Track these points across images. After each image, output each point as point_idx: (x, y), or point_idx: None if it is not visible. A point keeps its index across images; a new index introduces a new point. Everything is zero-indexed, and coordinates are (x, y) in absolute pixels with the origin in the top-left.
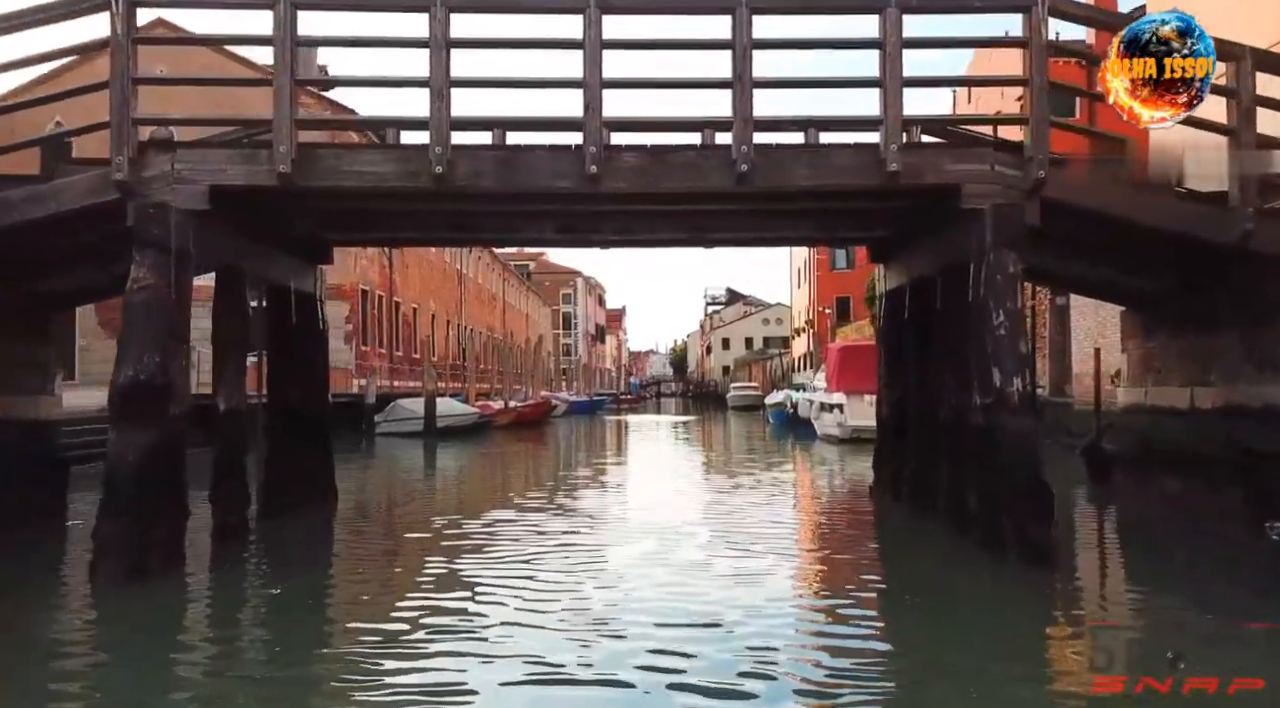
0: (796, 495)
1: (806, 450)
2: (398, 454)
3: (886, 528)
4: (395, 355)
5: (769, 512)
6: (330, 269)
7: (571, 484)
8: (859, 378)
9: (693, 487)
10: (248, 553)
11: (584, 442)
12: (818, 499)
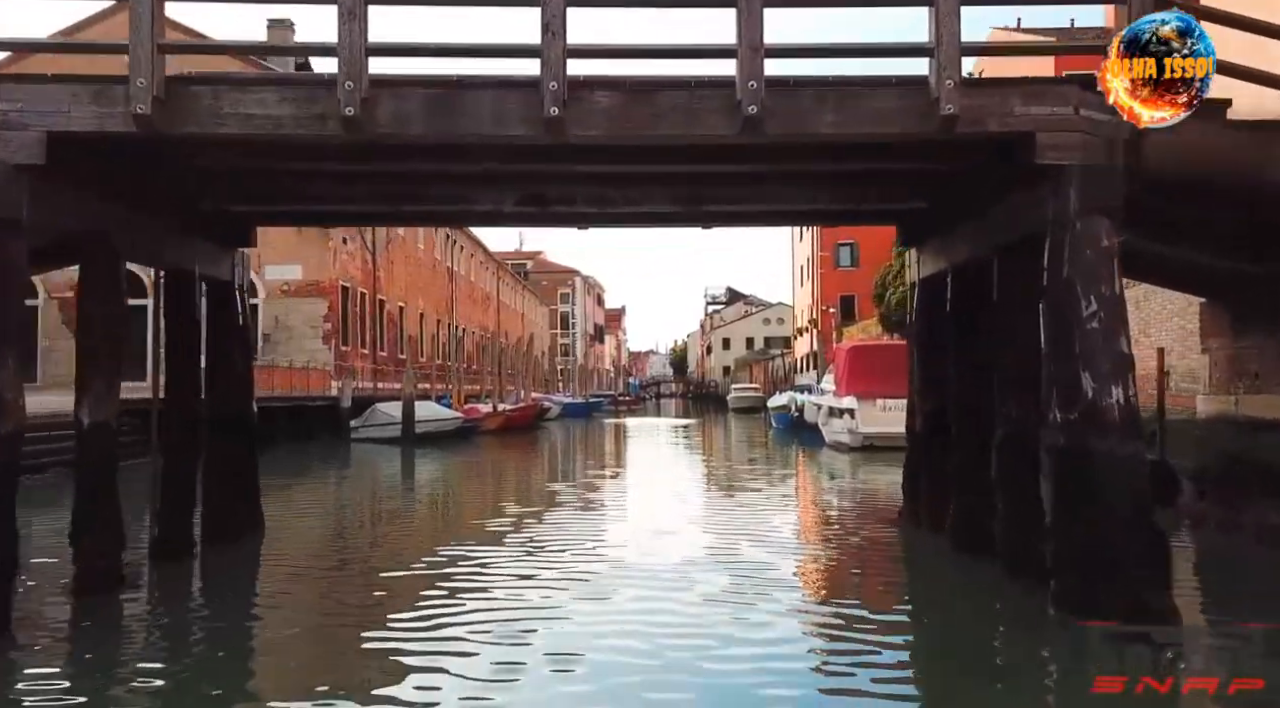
0: (809, 522)
1: (813, 459)
2: (371, 464)
3: (924, 571)
4: (379, 356)
5: (778, 547)
6: (307, 265)
7: (554, 504)
8: (871, 380)
9: (690, 509)
10: (97, 621)
11: (576, 449)
12: (835, 526)
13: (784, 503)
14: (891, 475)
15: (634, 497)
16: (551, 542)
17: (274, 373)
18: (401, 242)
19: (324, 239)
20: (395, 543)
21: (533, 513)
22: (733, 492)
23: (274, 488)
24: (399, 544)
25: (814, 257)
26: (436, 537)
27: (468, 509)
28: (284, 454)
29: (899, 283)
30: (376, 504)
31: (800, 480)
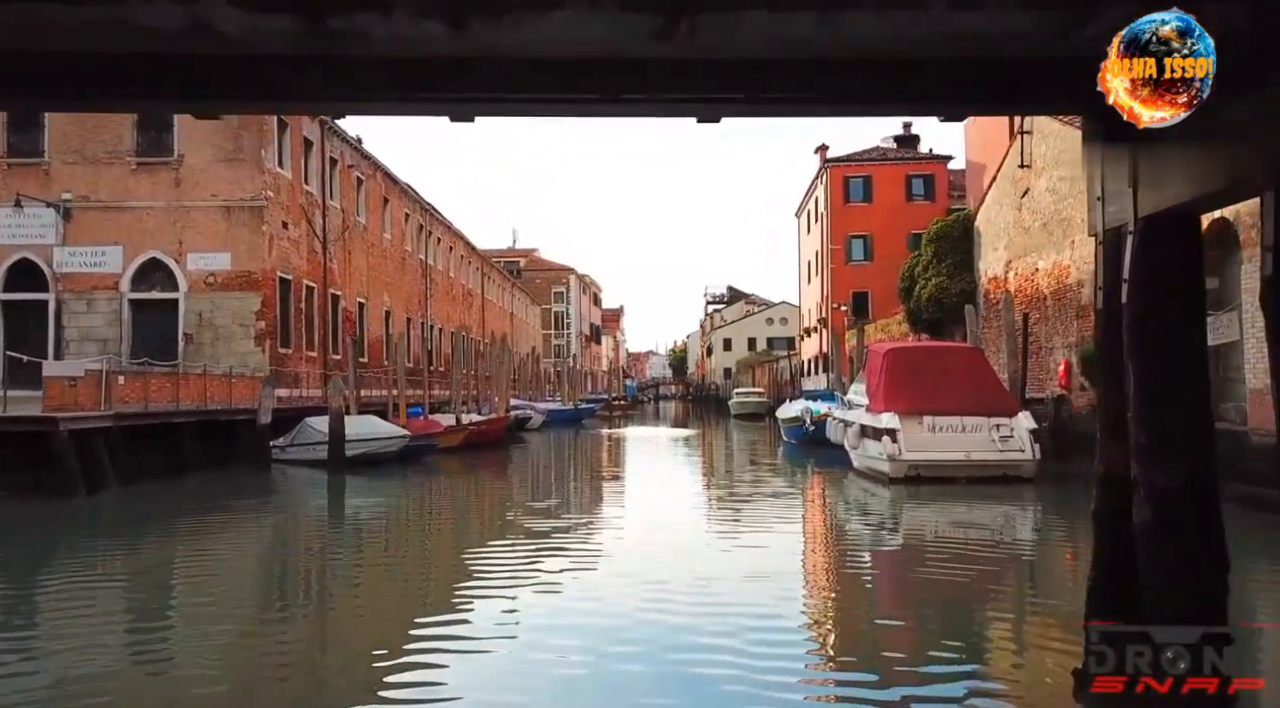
0: (882, 638)
1: (839, 489)
2: (280, 497)
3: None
4: (331, 359)
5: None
6: (237, 252)
7: (486, 590)
8: (917, 393)
9: (682, 595)
10: None
11: (550, 473)
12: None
13: (831, 580)
14: (959, 521)
15: (611, 569)
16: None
17: (186, 380)
18: (362, 231)
19: (256, 222)
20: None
21: (452, 602)
22: (746, 542)
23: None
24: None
25: (823, 250)
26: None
27: (362, 598)
28: (194, 482)
29: (931, 274)
30: (230, 577)
31: (829, 529)
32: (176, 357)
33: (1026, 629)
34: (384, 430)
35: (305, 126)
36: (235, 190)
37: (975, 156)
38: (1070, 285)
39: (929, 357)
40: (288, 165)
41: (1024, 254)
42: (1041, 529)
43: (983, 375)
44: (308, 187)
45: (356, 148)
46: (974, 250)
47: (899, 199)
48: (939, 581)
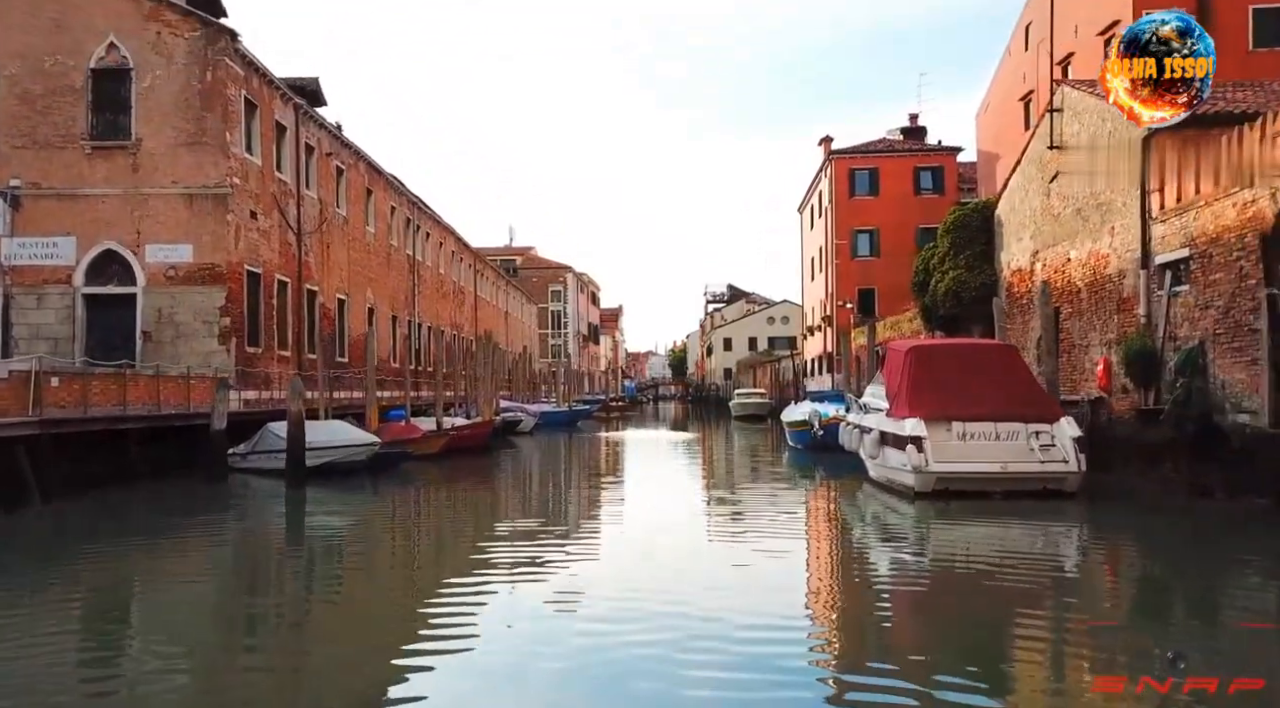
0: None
1: (853, 503)
2: (229, 515)
3: None
4: (306, 359)
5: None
6: (199, 244)
7: (451, 631)
8: (944, 396)
9: (684, 632)
10: None
11: (535, 483)
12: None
13: (843, 625)
14: (995, 543)
15: (586, 611)
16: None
17: (135, 382)
18: (343, 223)
19: (221, 211)
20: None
21: (411, 647)
22: (742, 572)
23: None
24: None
25: (828, 245)
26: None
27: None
28: (140, 496)
29: (949, 267)
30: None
31: (846, 552)
32: (135, 356)
33: (1075, 678)
34: (351, 437)
35: (278, 110)
36: (198, 176)
37: (988, 146)
38: (1109, 276)
39: (957, 355)
40: (257, 151)
41: (1053, 243)
42: (1089, 553)
43: (1018, 376)
44: (280, 174)
45: (335, 135)
46: (995, 241)
47: (907, 192)
48: (972, 615)
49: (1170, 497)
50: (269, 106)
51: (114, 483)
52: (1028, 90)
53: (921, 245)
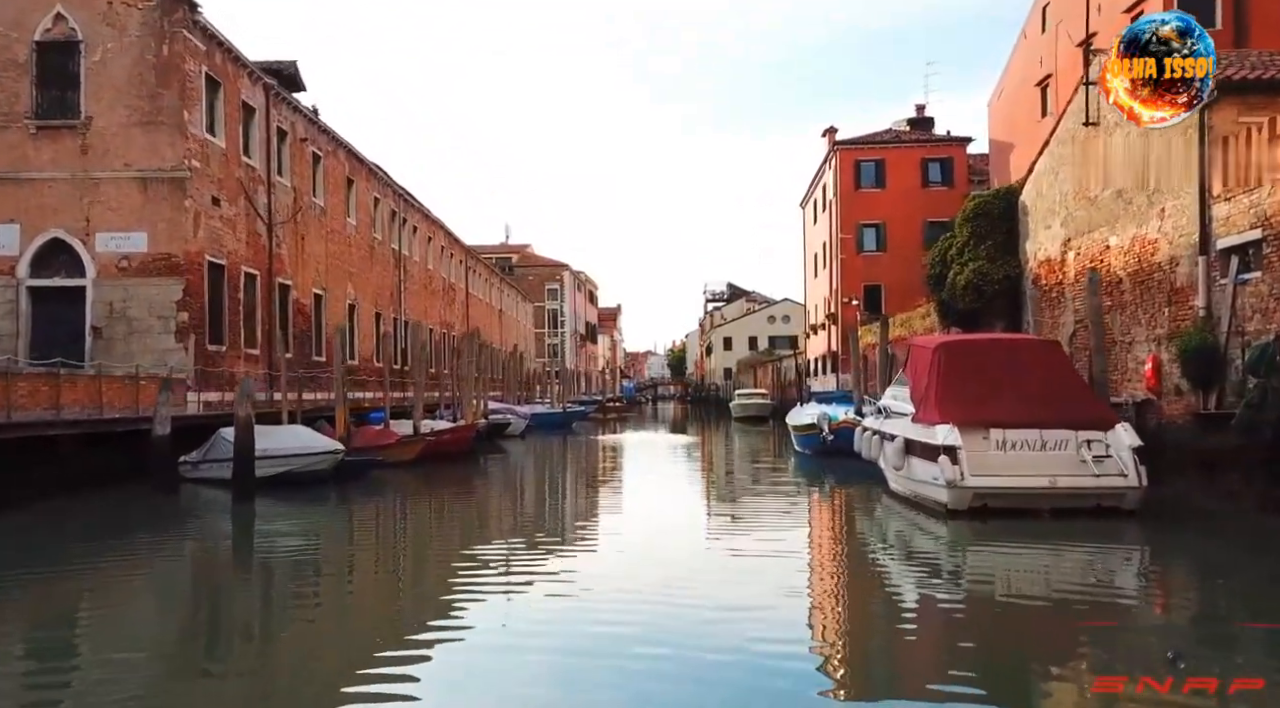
0: None
1: (875, 522)
2: (164, 533)
3: None
4: (278, 358)
5: None
6: (155, 232)
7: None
8: (981, 399)
9: (687, 679)
10: None
11: (520, 494)
12: None
13: (867, 670)
14: (1045, 572)
15: (571, 664)
16: None
17: (72, 384)
18: (320, 214)
19: (178, 196)
20: None
21: None
22: (751, 604)
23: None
24: None
25: (832, 240)
26: None
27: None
28: (76, 510)
29: (968, 258)
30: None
31: (869, 581)
32: (84, 354)
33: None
34: (312, 444)
35: (245, 89)
36: (153, 158)
37: (1001, 135)
38: (1158, 264)
39: (993, 352)
40: (220, 132)
41: (1089, 230)
42: (1159, 586)
43: (1065, 376)
44: (248, 159)
45: (312, 119)
46: (1019, 229)
47: (914, 184)
48: (1019, 663)
49: (1242, 515)
50: (234, 85)
51: (56, 494)
52: (1045, 74)
53: (929, 240)
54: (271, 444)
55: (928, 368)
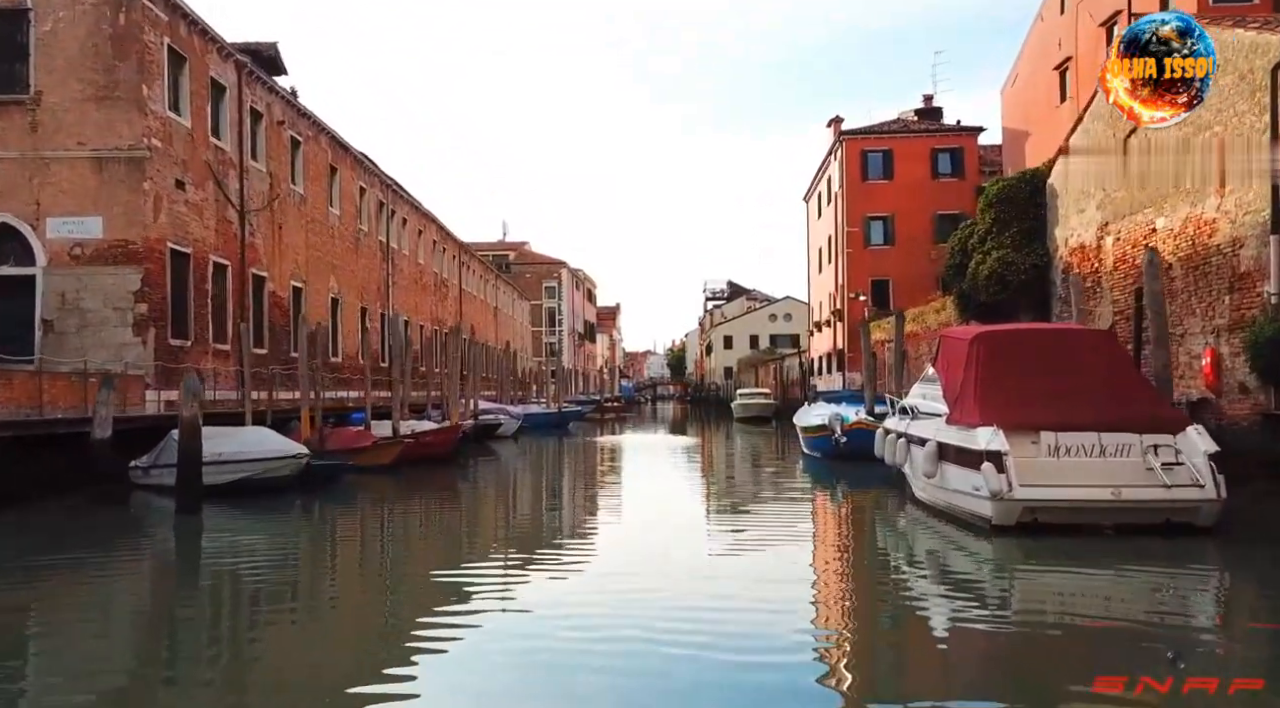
0: None
1: (901, 537)
2: (94, 552)
3: None
4: (252, 354)
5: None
6: (111, 216)
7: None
8: (1029, 397)
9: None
10: None
11: (501, 502)
12: None
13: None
14: (1110, 604)
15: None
16: None
17: (7, 381)
18: (300, 202)
19: (136, 178)
20: None
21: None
22: (766, 637)
23: None
24: None
25: (838, 234)
26: None
27: None
28: (9, 519)
29: (991, 246)
30: None
31: (902, 611)
32: (33, 349)
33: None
34: (274, 448)
35: (214, 66)
36: (109, 137)
37: (1015, 123)
38: (1217, 247)
39: (1041, 344)
40: (185, 110)
41: (1130, 212)
42: (1242, 615)
43: (1123, 371)
44: (217, 141)
45: (290, 101)
46: (1048, 215)
47: (923, 176)
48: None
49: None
50: (202, 61)
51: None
52: (1064, 58)
53: (939, 233)
54: (228, 448)
55: (964, 362)
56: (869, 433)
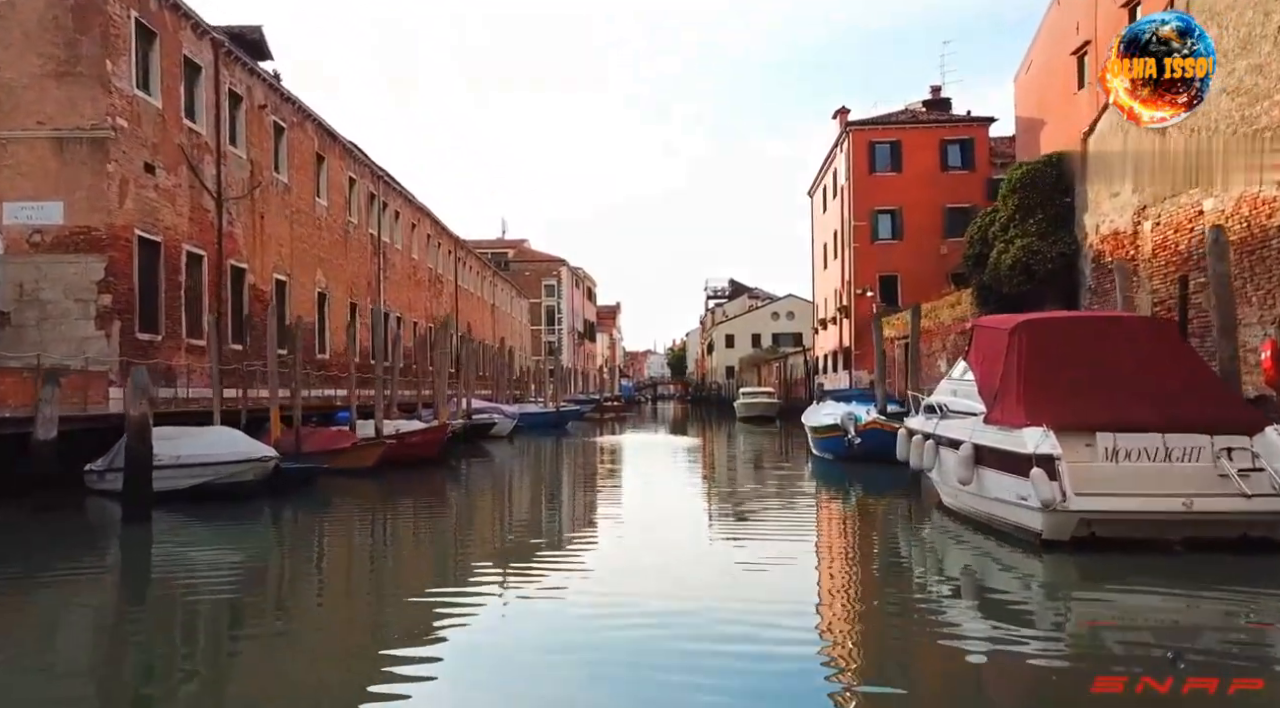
0: None
1: (930, 551)
2: (22, 564)
3: None
4: (228, 351)
5: None
6: (73, 202)
7: None
8: (1080, 394)
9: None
10: None
11: (486, 509)
12: None
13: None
14: (1186, 638)
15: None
16: None
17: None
18: (284, 191)
19: (100, 160)
20: None
21: None
22: (785, 672)
23: None
24: None
25: (844, 228)
26: None
27: None
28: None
29: (1015, 234)
30: None
31: (959, 647)
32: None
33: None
34: (239, 450)
35: (188, 44)
36: (70, 116)
37: (1030, 111)
38: (1278, 229)
39: (1091, 334)
40: (155, 89)
41: (1172, 194)
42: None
43: (1188, 364)
44: (191, 123)
45: (273, 85)
46: (1075, 200)
47: (932, 168)
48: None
49: None
50: (174, 37)
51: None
52: (1083, 42)
53: (949, 227)
54: (188, 450)
55: (1003, 354)
56: (884, 433)
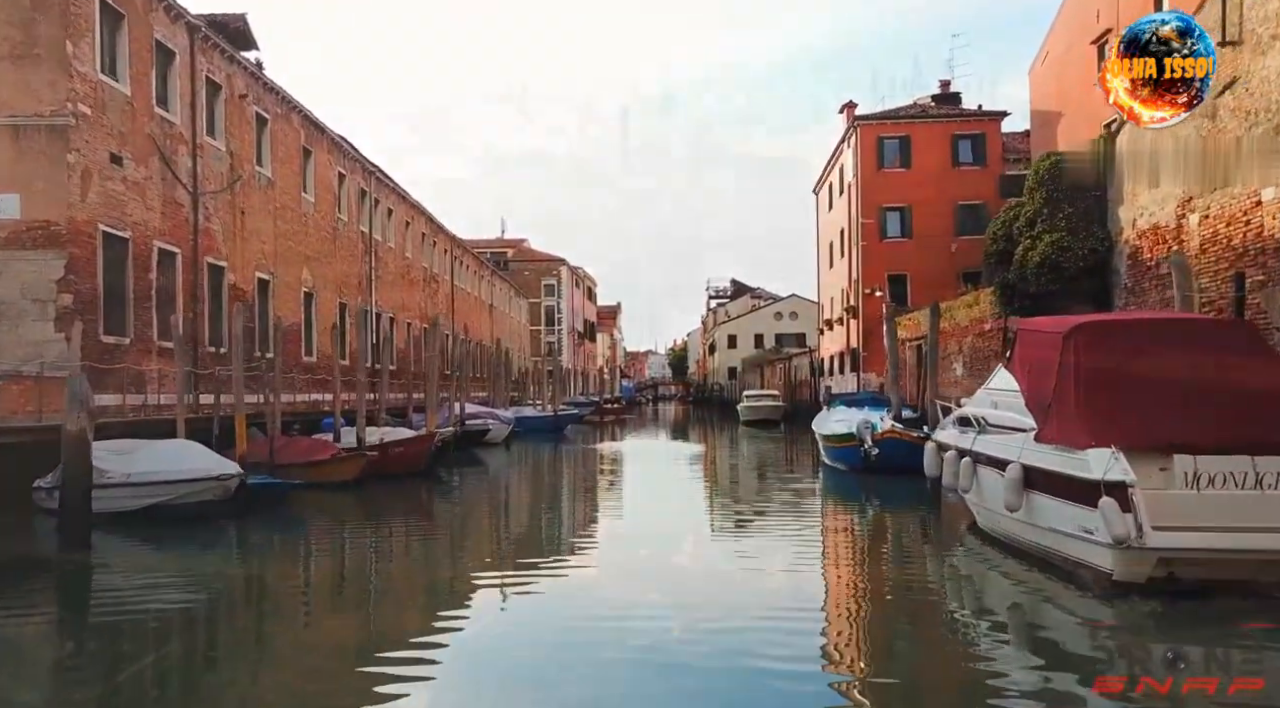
0: None
1: (970, 586)
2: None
3: None
4: (207, 354)
5: None
6: (31, 194)
7: None
8: (1150, 409)
9: None
10: None
11: (468, 531)
12: None
13: None
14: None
15: None
16: None
17: None
18: (267, 186)
19: (59, 149)
20: None
21: None
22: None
23: None
24: None
25: (851, 226)
26: None
27: None
28: None
29: (1042, 230)
30: None
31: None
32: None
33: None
34: (194, 466)
35: (161, 28)
36: (26, 101)
37: (1046, 104)
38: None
39: (1159, 338)
40: (123, 74)
41: (1222, 184)
42: None
43: (1274, 373)
44: (163, 111)
45: (255, 73)
46: (1109, 193)
47: (943, 164)
48: None
49: None
50: (145, 20)
51: None
52: (1103, 30)
53: (960, 224)
54: (139, 467)
55: (1056, 362)
56: (903, 444)
